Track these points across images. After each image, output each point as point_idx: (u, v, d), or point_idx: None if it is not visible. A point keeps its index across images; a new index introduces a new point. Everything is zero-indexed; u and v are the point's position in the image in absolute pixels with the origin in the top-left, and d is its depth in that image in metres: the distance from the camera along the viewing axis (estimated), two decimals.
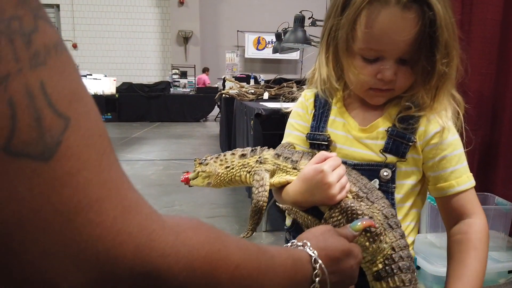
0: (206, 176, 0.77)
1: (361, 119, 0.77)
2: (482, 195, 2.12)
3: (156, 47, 11.69)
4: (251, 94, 3.83)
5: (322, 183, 0.65)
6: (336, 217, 0.66)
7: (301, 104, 0.85)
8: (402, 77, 0.71)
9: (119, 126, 9.06)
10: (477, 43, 2.10)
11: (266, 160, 0.75)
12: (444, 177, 0.74)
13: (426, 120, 0.74)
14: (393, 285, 0.63)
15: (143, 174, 4.39)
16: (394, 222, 0.66)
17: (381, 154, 0.74)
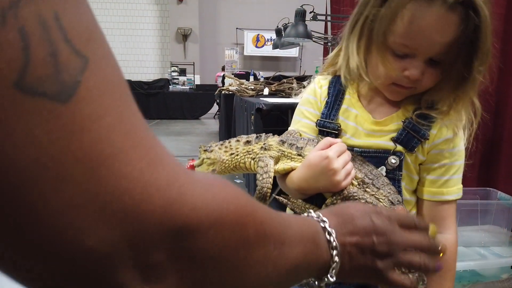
0: (211, 163, 0.77)
1: (375, 113, 0.76)
2: (485, 190, 2.11)
3: (155, 45, 11.66)
4: (251, 90, 3.81)
5: (327, 169, 0.65)
6: (337, 203, 0.67)
7: (313, 92, 0.83)
8: (428, 78, 0.69)
9: None
10: None
11: (271, 147, 0.74)
12: (438, 183, 0.75)
13: (440, 123, 0.73)
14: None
15: None
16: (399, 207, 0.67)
17: (391, 142, 0.74)
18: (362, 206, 0.54)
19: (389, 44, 0.68)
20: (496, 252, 1.92)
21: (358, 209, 0.49)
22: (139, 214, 0.26)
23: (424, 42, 0.65)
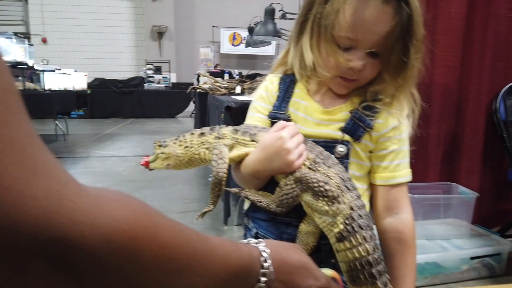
0: (165, 158, 0.77)
1: (324, 104, 0.80)
2: (447, 185, 2.18)
3: (129, 42, 11.45)
4: (224, 88, 3.80)
5: (281, 149, 0.67)
6: (291, 185, 0.68)
7: (265, 88, 0.86)
8: (369, 69, 0.74)
9: (91, 123, 8.85)
10: (442, 36, 2.14)
11: (225, 135, 0.75)
12: (390, 168, 0.79)
13: (386, 113, 0.78)
14: (356, 243, 0.64)
15: (115, 170, 4.30)
16: (350, 184, 0.68)
17: (339, 132, 0.77)
18: (306, 264, 0.57)
19: (335, 38, 0.73)
20: (457, 245, 1.98)
21: (300, 265, 0.53)
22: (11, 222, 0.25)
23: (365, 33, 0.70)
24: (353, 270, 0.64)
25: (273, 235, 0.77)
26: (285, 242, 0.62)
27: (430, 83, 2.21)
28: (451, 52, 2.17)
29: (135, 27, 11.40)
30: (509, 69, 2.25)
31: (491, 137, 2.28)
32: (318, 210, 0.66)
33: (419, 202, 2.01)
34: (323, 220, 0.67)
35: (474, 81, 2.22)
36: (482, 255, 1.93)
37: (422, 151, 2.26)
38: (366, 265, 0.63)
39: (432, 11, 2.14)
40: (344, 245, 0.65)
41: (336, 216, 0.65)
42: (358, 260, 0.64)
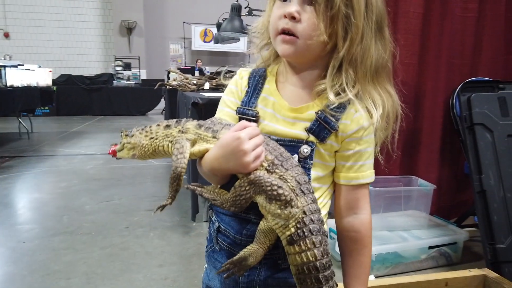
0: (131, 148, 0.77)
1: (292, 101, 0.79)
2: (407, 178, 2.26)
3: (97, 38, 11.16)
4: (193, 84, 3.78)
5: (237, 150, 0.66)
6: (245, 186, 0.68)
7: (235, 82, 0.85)
8: (305, 20, 0.71)
9: (58, 120, 8.59)
10: (401, 35, 2.21)
11: (188, 130, 0.75)
12: (354, 168, 0.78)
13: (354, 114, 0.76)
14: (305, 248, 0.65)
15: (82, 168, 4.20)
16: (306, 188, 0.69)
17: (304, 132, 0.76)
18: None
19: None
20: (416, 235, 2.07)
21: None
22: None
23: None
24: (301, 273, 0.66)
25: (234, 230, 0.78)
26: None
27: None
28: (409, 50, 2.24)
29: (103, 22, 11.12)
30: (464, 67, 2.35)
31: (448, 132, 2.39)
32: (271, 212, 0.67)
33: (381, 195, 2.08)
34: (276, 222, 0.68)
35: (431, 78, 2.31)
36: (440, 244, 2.02)
37: (384, 146, 2.34)
38: (313, 270, 0.65)
39: (392, 9, 2.21)
40: (294, 248, 0.66)
41: (288, 219, 0.66)
42: (306, 264, 0.65)
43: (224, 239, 0.80)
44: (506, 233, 1.76)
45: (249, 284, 0.77)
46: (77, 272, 1.96)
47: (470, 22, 2.31)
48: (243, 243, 0.75)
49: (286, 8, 0.72)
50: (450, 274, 1.42)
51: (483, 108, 1.91)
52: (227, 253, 0.79)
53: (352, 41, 0.72)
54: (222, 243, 0.80)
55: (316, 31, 0.71)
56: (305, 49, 0.73)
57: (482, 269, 1.44)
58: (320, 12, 0.70)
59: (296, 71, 0.80)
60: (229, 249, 0.79)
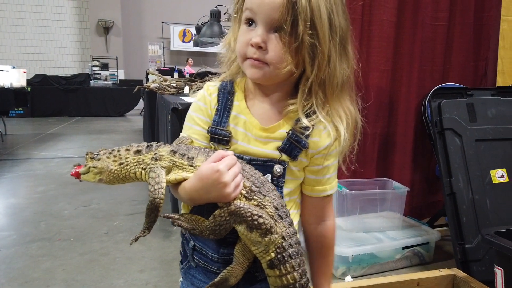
0: (97, 172, 0.74)
1: (262, 119, 0.79)
2: (382, 181, 2.34)
3: (73, 37, 10.94)
4: (172, 87, 3.78)
5: (217, 182, 0.66)
6: (225, 217, 0.69)
7: (203, 98, 0.83)
8: (272, 48, 0.71)
9: (32, 122, 8.38)
10: (376, 42, 2.29)
11: (162, 157, 0.73)
12: (322, 182, 0.82)
13: (322, 130, 0.78)
14: (285, 271, 0.68)
15: (58, 172, 4.13)
16: (284, 212, 0.71)
17: (277, 151, 0.78)
18: None
19: (242, 19, 0.75)
20: (391, 236, 2.14)
21: None
22: None
23: (259, 5, 0.71)
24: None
25: (210, 249, 0.78)
26: None
27: (366, 86, 2.36)
28: (384, 56, 2.32)
29: (79, 21, 10.90)
30: (435, 73, 2.45)
31: (420, 135, 2.48)
32: (252, 240, 0.69)
33: (357, 198, 2.15)
34: (256, 248, 0.69)
35: (404, 84, 2.40)
36: (413, 244, 2.10)
37: (360, 150, 2.41)
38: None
39: (367, 18, 2.28)
40: (274, 272, 0.69)
41: (268, 245, 0.68)
42: (286, 286, 0.69)
43: (200, 257, 0.80)
44: (475, 233, 1.85)
45: None
46: (56, 279, 1.95)
47: (440, 31, 2.41)
48: (220, 261, 0.77)
49: (251, 35, 0.72)
50: (422, 274, 1.49)
51: (453, 114, 2.00)
52: (204, 270, 0.80)
53: (320, 65, 0.73)
54: (199, 261, 0.81)
55: (283, 62, 0.72)
56: (273, 75, 0.74)
57: (451, 269, 1.52)
58: (286, 43, 0.70)
59: (264, 89, 0.80)
60: (206, 266, 0.80)
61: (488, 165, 1.95)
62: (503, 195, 1.93)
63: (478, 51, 2.52)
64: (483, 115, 2.03)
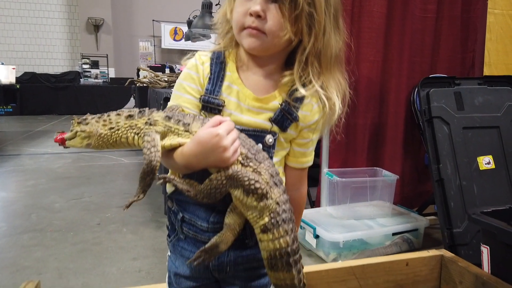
0: (86, 137, 0.74)
1: (255, 90, 0.80)
2: (372, 170, 2.37)
3: (62, 35, 10.83)
4: (164, 81, 3.78)
5: (217, 146, 0.67)
6: (222, 180, 0.69)
7: (195, 67, 0.82)
8: (271, 18, 0.73)
9: (22, 120, 8.28)
10: (366, 33, 2.33)
11: (156, 122, 0.73)
12: (306, 154, 0.87)
13: (313, 105, 0.81)
14: (278, 235, 0.70)
15: (49, 167, 4.10)
16: (278, 180, 0.73)
17: (269, 122, 0.80)
18: None
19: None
20: (381, 223, 2.18)
21: None
22: None
23: None
24: (273, 258, 0.71)
25: (200, 219, 0.79)
26: None
27: (357, 77, 2.40)
28: (374, 48, 2.36)
29: (68, 18, 10.80)
30: (424, 64, 2.50)
31: (410, 126, 2.53)
32: (248, 205, 0.70)
33: (348, 185, 2.18)
34: (251, 213, 0.71)
35: (394, 75, 2.44)
36: (403, 231, 2.14)
37: (351, 140, 2.45)
38: (284, 255, 0.70)
39: (357, 9, 2.32)
40: (267, 236, 0.70)
41: (263, 210, 0.70)
42: (278, 250, 0.70)
43: (189, 228, 0.81)
44: (462, 218, 1.89)
45: (219, 266, 0.81)
46: (48, 267, 1.94)
47: (429, 23, 2.46)
48: (210, 230, 0.79)
49: (250, 5, 0.73)
50: (410, 255, 1.52)
51: (441, 102, 2.04)
52: (193, 240, 0.82)
53: (316, 36, 0.76)
54: (188, 232, 0.82)
55: (282, 30, 0.74)
56: (271, 45, 0.76)
57: (439, 249, 1.55)
58: (285, 12, 0.72)
59: (258, 61, 0.81)
60: (195, 237, 0.81)
61: (475, 152, 2.00)
62: (490, 181, 1.98)
63: (466, 43, 2.57)
64: (470, 103, 2.07)
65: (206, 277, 0.83)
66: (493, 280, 1.30)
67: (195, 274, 0.83)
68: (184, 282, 0.84)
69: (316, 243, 2.04)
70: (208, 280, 0.84)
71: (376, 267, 1.44)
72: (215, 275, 0.83)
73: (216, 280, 0.85)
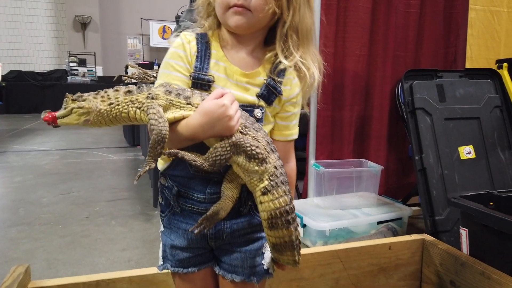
0: (84, 113, 0.74)
1: (241, 66, 0.85)
2: (358, 161, 2.42)
3: (49, 33, 10.70)
4: (152, 77, 3.79)
5: (223, 116, 0.72)
6: (226, 147, 0.74)
7: (182, 46, 0.85)
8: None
9: (8, 118, 8.19)
10: (351, 28, 2.37)
11: (158, 96, 0.75)
12: (290, 127, 0.92)
13: (292, 80, 0.88)
14: (278, 195, 0.75)
15: (36, 164, 4.08)
16: (273, 147, 0.79)
17: (256, 97, 0.85)
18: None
19: None
20: (366, 212, 2.23)
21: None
22: None
23: None
24: (273, 217, 0.75)
25: (196, 191, 0.83)
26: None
27: (343, 70, 2.45)
28: (360, 42, 2.41)
29: (55, 16, 10.68)
30: (408, 59, 2.55)
31: (394, 119, 2.58)
32: (249, 170, 0.75)
33: (334, 176, 2.23)
34: (251, 178, 0.76)
35: (379, 69, 2.50)
36: (387, 219, 2.19)
37: (338, 132, 2.50)
38: (284, 213, 0.75)
39: (343, 4, 2.36)
40: (268, 197, 0.75)
41: (263, 174, 0.75)
42: (278, 209, 0.75)
43: (186, 201, 0.85)
44: (444, 206, 1.95)
45: (217, 234, 0.85)
46: (37, 258, 1.95)
47: (412, 18, 2.52)
48: (207, 201, 0.83)
49: None
50: (393, 239, 1.57)
51: (423, 94, 2.10)
52: (190, 212, 0.85)
53: (294, 9, 0.83)
54: (184, 205, 0.85)
55: (268, 4, 0.79)
56: (256, 21, 0.81)
57: (421, 234, 1.61)
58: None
59: (240, 39, 0.86)
60: (192, 209, 0.85)
61: (456, 142, 2.06)
62: (470, 170, 2.04)
63: (448, 38, 2.64)
64: (451, 95, 2.14)
65: (202, 247, 0.87)
66: (471, 261, 1.36)
67: (192, 245, 0.86)
68: (180, 253, 0.87)
69: (303, 232, 2.08)
70: (203, 250, 0.88)
71: (360, 251, 1.48)
72: (211, 244, 0.87)
73: (210, 250, 0.89)
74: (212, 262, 0.90)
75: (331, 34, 2.34)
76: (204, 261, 0.89)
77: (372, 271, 1.51)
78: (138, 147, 4.91)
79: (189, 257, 0.87)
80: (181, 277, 0.89)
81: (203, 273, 0.89)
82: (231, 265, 0.88)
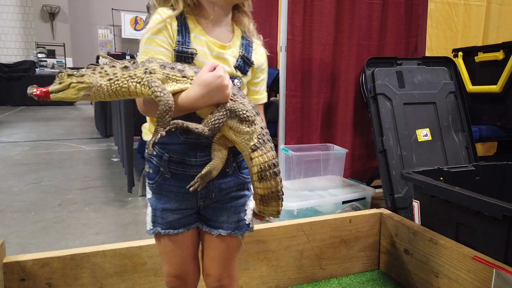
0: (83, 88, 0.76)
1: (218, 38, 0.93)
2: (325, 145, 2.54)
3: (15, 23, 10.37)
4: None
5: (221, 85, 0.81)
6: (223, 112, 0.83)
7: (162, 22, 0.88)
8: None
9: None
10: (317, 16, 2.47)
11: (155, 70, 0.80)
12: (260, 92, 1.04)
13: (260, 49, 1.00)
14: (266, 151, 0.86)
15: (5, 155, 4.01)
16: (256, 111, 0.89)
17: (233, 68, 0.94)
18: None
19: None
20: (332, 193, 2.35)
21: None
22: None
23: None
24: (263, 170, 0.85)
25: (189, 155, 0.91)
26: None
27: (310, 59, 2.55)
28: (325, 31, 2.51)
29: (21, 6, 10.35)
30: (371, 48, 2.68)
31: (359, 105, 2.71)
32: (241, 131, 0.85)
33: (302, 159, 2.34)
34: (242, 138, 0.85)
35: (345, 57, 2.61)
36: (352, 199, 2.32)
37: (306, 119, 2.60)
38: (271, 166, 0.85)
39: None
40: (257, 153, 0.85)
41: (252, 134, 0.85)
42: (267, 162, 0.85)
43: (177, 166, 0.92)
44: (403, 185, 2.09)
45: (207, 193, 0.94)
46: (10, 243, 1.95)
47: (376, 8, 2.64)
48: (198, 164, 0.91)
49: None
50: (354, 213, 1.69)
51: (384, 80, 2.23)
52: (180, 176, 0.92)
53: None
54: (176, 169, 0.92)
55: None
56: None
57: (379, 208, 1.73)
58: None
59: (219, 14, 0.94)
60: (184, 172, 0.92)
61: (414, 126, 2.20)
62: (427, 151, 2.19)
63: (409, 29, 2.77)
64: (410, 81, 2.27)
65: (191, 207, 0.96)
66: (422, 230, 1.49)
67: (182, 206, 0.94)
68: (170, 215, 0.94)
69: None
70: (192, 211, 0.96)
71: (322, 224, 1.59)
72: (199, 204, 0.95)
73: (197, 211, 0.97)
74: (198, 223, 0.99)
75: (298, 23, 2.43)
76: (191, 221, 0.97)
77: (334, 243, 1.62)
78: (111, 138, 4.89)
79: (179, 219, 0.95)
80: (170, 238, 0.96)
81: (190, 233, 0.98)
82: (218, 221, 0.97)
